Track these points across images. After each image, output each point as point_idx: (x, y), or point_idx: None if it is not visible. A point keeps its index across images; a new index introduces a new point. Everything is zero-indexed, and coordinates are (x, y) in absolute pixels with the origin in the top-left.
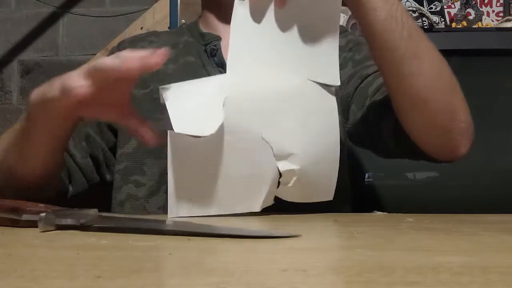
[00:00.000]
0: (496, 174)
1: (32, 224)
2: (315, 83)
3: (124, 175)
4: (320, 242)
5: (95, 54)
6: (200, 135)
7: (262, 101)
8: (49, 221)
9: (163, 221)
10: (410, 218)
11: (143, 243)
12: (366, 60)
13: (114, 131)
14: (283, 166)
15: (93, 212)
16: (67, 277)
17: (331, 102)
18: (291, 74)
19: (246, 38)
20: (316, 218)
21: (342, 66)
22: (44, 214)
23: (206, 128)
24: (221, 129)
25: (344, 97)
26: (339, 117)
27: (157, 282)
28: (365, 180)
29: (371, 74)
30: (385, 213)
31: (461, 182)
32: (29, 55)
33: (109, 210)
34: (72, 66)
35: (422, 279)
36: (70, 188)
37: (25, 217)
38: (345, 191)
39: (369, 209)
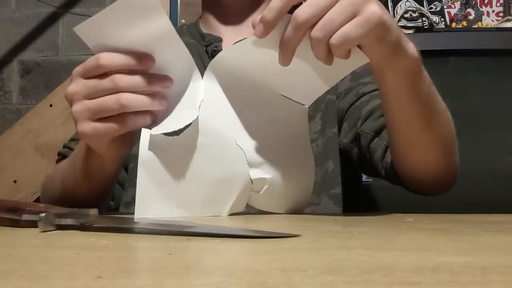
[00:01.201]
0: (496, 174)
1: (32, 224)
2: (284, 98)
3: (131, 177)
4: (320, 242)
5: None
6: (173, 129)
7: (237, 108)
8: (49, 221)
9: (163, 221)
10: (410, 218)
11: (143, 243)
12: (365, 74)
13: None
14: (255, 174)
15: (93, 212)
16: (67, 277)
17: (301, 119)
18: (265, 87)
19: (234, 51)
20: (316, 218)
21: None
22: (44, 214)
23: (179, 125)
24: (195, 130)
25: (340, 110)
26: (335, 128)
27: (157, 282)
28: (364, 180)
29: (367, 93)
30: (385, 213)
31: (461, 182)
32: (29, 55)
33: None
34: (72, 66)
35: (422, 279)
36: (112, 202)
37: (25, 217)
38: (336, 197)
39: (368, 210)
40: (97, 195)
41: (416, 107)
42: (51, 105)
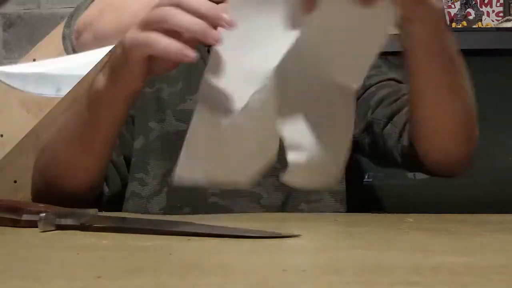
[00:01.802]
0: (496, 174)
1: (32, 224)
2: (334, 84)
3: (131, 171)
4: (320, 242)
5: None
6: (217, 120)
7: (285, 92)
8: (49, 221)
9: (163, 221)
10: (410, 218)
11: (143, 243)
12: (371, 68)
13: None
14: (292, 157)
15: (93, 212)
16: (67, 277)
17: (349, 106)
18: (318, 71)
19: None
20: (316, 218)
21: None
22: (44, 214)
23: (227, 109)
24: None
25: None
26: None
27: (157, 282)
28: (365, 180)
29: (374, 85)
30: (385, 213)
31: (461, 182)
32: (10, 8)
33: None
34: (53, 19)
35: (422, 279)
36: (106, 189)
37: (25, 217)
38: (340, 194)
39: (369, 209)
40: (98, 153)
41: (442, 63)
42: (34, 60)
